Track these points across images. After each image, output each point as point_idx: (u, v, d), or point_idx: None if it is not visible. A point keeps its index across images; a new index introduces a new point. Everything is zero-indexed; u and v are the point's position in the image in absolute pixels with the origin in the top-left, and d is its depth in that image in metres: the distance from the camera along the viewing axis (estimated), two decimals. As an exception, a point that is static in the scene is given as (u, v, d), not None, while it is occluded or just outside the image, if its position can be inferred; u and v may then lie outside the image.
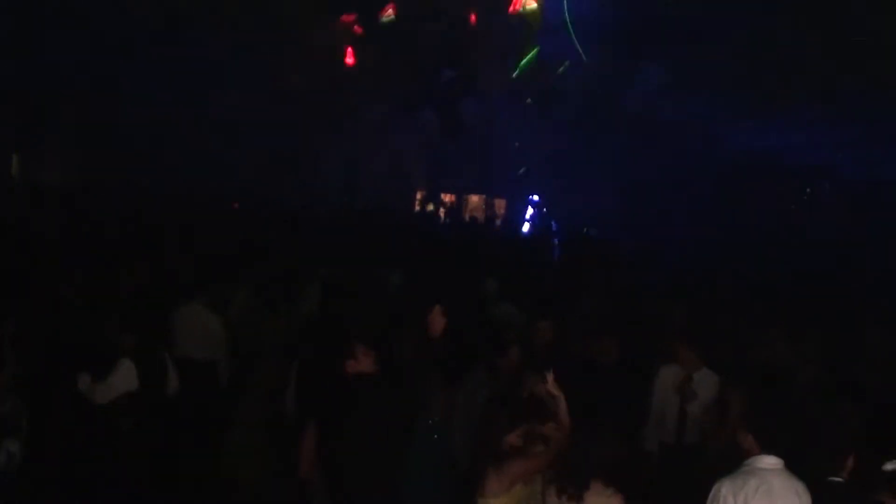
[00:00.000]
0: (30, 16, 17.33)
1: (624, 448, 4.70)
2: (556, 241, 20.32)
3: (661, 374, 6.91)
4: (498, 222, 24.60)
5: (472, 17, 20.71)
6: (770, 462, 4.50)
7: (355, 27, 20.68)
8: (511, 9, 20.49)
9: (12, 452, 5.71)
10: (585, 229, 21.01)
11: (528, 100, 21.38)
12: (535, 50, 21.09)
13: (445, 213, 24.01)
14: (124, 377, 6.42)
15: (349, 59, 20.76)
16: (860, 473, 4.53)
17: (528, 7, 20.44)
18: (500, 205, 26.00)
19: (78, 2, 17.55)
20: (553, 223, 23.21)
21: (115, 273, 8.87)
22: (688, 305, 9.41)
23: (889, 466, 4.56)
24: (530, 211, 24.50)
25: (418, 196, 24.67)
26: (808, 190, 23.42)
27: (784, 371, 6.93)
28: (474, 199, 25.87)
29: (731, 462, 4.61)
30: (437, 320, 5.69)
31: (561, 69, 21.10)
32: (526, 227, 23.98)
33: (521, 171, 22.06)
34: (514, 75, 21.12)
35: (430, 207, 24.00)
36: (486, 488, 4.66)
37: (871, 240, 17.95)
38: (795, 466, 4.55)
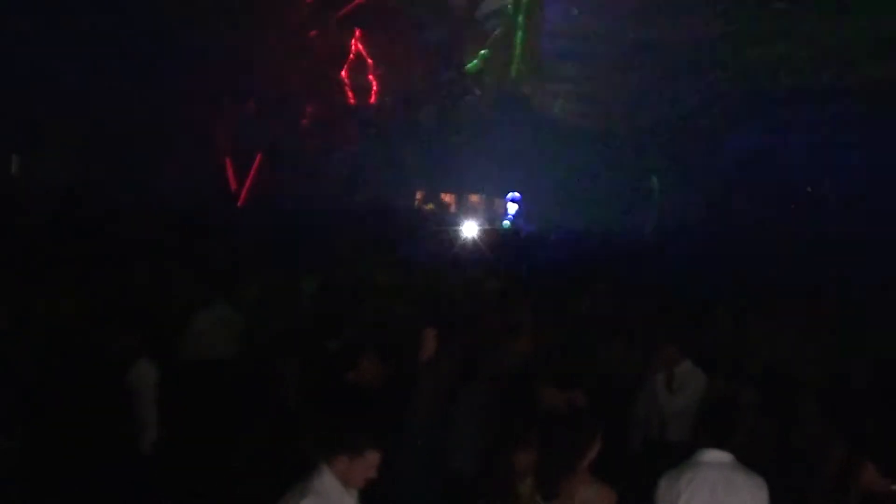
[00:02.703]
0: (30, 16, 17.32)
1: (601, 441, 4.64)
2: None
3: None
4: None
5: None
6: (714, 456, 4.42)
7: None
8: None
9: (7, 450, 5.68)
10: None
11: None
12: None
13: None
14: (144, 376, 6.34)
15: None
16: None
17: None
18: (500, 204, 25.98)
19: (78, 3, 17.55)
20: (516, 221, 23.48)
21: (117, 273, 8.87)
22: (667, 301, 9.39)
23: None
24: (513, 208, 24.63)
25: (418, 196, 24.66)
26: (808, 190, 23.37)
27: (772, 368, 6.92)
28: (474, 198, 25.83)
29: None
30: (429, 343, 5.46)
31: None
32: (507, 224, 24.13)
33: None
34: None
35: (431, 207, 24.00)
36: None
37: (871, 239, 17.91)
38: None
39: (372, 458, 4.18)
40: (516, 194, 24.52)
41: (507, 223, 23.99)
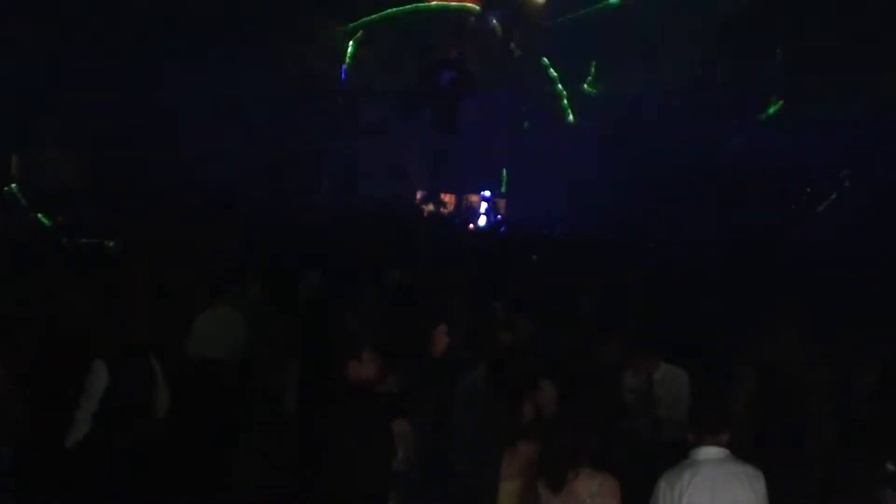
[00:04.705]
0: (30, 16, 17.34)
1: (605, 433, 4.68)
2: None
3: (625, 379, 6.87)
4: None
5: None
6: (710, 453, 4.46)
7: None
8: None
9: (2, 456, 5.68)
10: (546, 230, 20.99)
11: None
12: None
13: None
14: (97, 378, 6.14)
15: None
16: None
17: None
18: (501, 204, 26.01)
19: (79, 2, 17.58)
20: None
21: (117, 273, 8.88)
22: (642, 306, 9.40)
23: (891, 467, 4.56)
24: (484, 205, 24.69)
25: (418, 196, 24.70)
26: (808, 190, 23.35)
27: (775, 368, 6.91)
28: (474, 198, 25.86)
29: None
30: (441, 339, 5.45)
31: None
32: (483, 221, 24.24)
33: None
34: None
35: (430, 207, 24.05)
36: (501, 472, 4.64)
37: (871, 241, 17.93)
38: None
39: None
40: (487, 193, 24.76)
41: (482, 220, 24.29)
